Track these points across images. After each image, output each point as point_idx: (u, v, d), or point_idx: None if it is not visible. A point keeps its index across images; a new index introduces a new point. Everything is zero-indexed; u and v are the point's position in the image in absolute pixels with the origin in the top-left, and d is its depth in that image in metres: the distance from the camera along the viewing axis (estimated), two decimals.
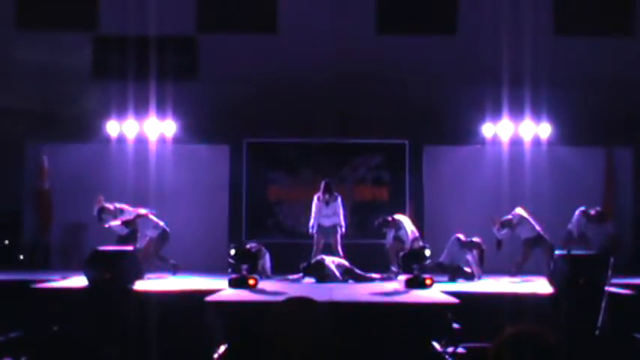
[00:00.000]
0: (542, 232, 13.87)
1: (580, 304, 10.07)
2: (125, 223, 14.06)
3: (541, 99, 15.66)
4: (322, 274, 13.21)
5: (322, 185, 14.48)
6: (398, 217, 14.34)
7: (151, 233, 14.18)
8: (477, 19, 16.26)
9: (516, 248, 14.17)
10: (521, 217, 13.94)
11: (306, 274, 13.48)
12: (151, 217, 14.23)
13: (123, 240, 14.04)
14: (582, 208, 14.32)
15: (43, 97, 16.06)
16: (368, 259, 14.38)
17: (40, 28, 16.58)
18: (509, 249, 14.17)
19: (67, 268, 14.74)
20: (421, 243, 13.50)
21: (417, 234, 14.01)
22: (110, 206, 14.22)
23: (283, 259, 14.40)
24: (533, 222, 13.93)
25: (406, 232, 13.91)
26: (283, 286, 12.51)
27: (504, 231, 13.92)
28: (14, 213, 16.48)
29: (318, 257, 13.70)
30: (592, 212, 14.28)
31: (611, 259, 10.22)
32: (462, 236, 13.72)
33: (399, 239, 13.97)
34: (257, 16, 16.72)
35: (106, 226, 14.13)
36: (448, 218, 15.61)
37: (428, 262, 12.46)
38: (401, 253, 12.98)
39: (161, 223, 14.23)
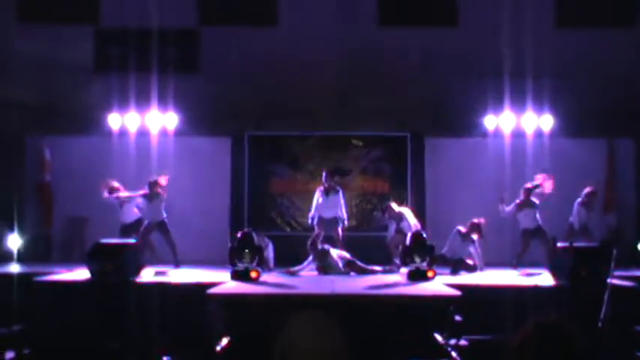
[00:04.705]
0: (541, 224, 13.90)
1: (582, 297, 10.07)
2: (146, 196, 14.09)
3: (543, 91, 15.62)
4: (325, 264, 13.23)
5: (324, 174, 14.49)
6: (400, 209, 14.33)
7: (149, 218, 14.19)
8: (478, 11, 16.22)
9: (518, 240, 14.17)
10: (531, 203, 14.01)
11: (312, 255, 13.47)
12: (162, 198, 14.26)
13: (127, 229, 14.10)
14: (579, 199, 14.34)
15: (45, 90, 16.04)
16: (370, 251, 14.38)
17: (42, 21, 16.57)
18: (511, 241, 14.17)
19: (69, 261, 14.76)
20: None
21: (419, 226, 13.98)
22: (117, 184, 14.37)
23: (285, 251, 14.42)
24: (536, 213, 13.96)
25: (409, 224, 13.89)
26: (285, 278, 12.51)
27: (511, 207, 13.92)
28: (16, 206, 16.45)
29: (325, 246, 13.67)
30: (583, 195, 14.28)
31: (614, 251, 10.22)
32: (462, 228, 13.72)
33: (401, 232, 13.95)
34: (258, 8, 16.69)
35: (122, 196, 14.25)
36: (450, 210, 15.58)
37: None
38: (400, 246, 12.98)
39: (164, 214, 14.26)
